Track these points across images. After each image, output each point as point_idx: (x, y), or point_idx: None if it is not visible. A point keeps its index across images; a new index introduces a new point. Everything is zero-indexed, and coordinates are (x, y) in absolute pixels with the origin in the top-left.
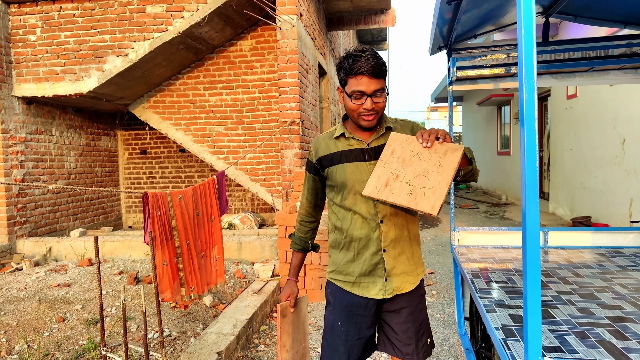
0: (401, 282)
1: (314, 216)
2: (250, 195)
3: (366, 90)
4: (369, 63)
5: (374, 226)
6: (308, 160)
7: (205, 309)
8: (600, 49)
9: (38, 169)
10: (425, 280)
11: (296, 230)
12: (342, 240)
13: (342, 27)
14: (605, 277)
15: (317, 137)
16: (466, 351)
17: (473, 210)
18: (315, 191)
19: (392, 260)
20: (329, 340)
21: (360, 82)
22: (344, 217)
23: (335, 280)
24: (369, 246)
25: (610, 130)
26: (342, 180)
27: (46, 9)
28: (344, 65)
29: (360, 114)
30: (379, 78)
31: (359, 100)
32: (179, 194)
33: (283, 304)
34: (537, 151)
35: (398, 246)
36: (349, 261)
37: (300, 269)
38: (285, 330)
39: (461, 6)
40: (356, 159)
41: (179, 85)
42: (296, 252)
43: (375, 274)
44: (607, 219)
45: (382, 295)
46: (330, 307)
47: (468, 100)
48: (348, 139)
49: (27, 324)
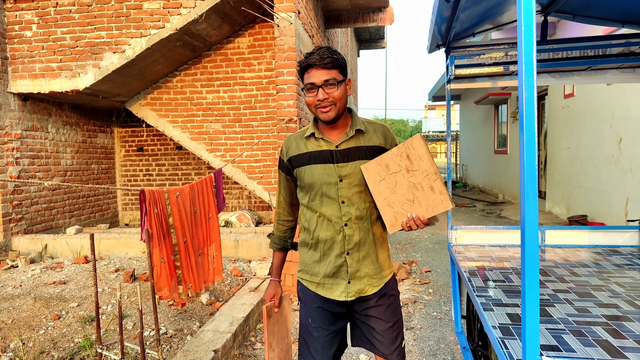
0: (364, 285)
1: (292, 215)
2: (247, 193)
3: (316, 81)
4: (318, 55)
5: (339, 229)
6: (280, 159)
7: (201, 306)
8: (598, 48)
9: (34, 165)
10: (423, 278)
11: (275, 230)
12: (310, 240)
13: (340, 25)
14: (601, 276)
15: (289, 136)
16: (463, 349)
17: (470, 208)
18: (289, 190)
19: (355, 263)
20: (304, 337)
21: (310, 75)
22: (311, 219)
23: (302, 280)
24: (333, 248)
25: (607, 129)
26: (310, 181)
27: (42, 5)
28: (299, 64)
29: (317, 107)
30: (330, 69)
31: (311, 92)
32: (176, 192)
33: (268, 305)
34: (536, 149)
35: (362, 249)
36: (316, 261)
37: (281, 268)
38: (271, 330)
39: (460, 4)
40: (324, 160)
41: (176, 82)
42: (276, 252)
43: (339, 276)
44: (604, 217)
45: (344, 297)
46: (302, 304)
47: (465, 99)
48: (318, 140)
49: (23, 322)
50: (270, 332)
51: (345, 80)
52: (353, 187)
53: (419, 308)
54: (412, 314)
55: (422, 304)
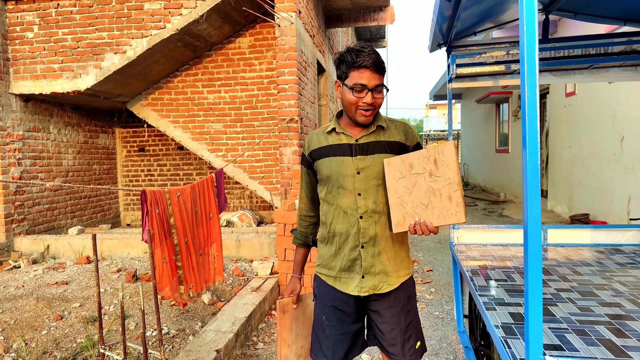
0: (379, 281)
1: (314, 210)
2: (248, 193)
3: (368, 84)
4: (372, 58)
5: (354, 221)
6: (302, 154)
7: (203, 306)
8: (599, 46)
9: (36, 166)
10: (424, 277)
11: (297, 225)
12: (327, 234)
13: (341, 24)
14: (604, 275)
15: (312, 132)
16: (465, 349)
17: (472, 207)
18: (311, 185)
19: (370, 258)
20: (317, 333)
21: (363, 76)
22: (328, 211)
23: (320, 274)
24: (348, 241)
25: (609, 127)
26: (327, 173)
27: (44, 6)
28: (346, 58)
29: (359, 108)
30: (380, 74)
31: (360, 93)
32: (177, 192)
33: (283, 301)
34: (538, 148)
35: (378, 245)
36: (332, 255)
37: (303, 264)
38: (286, 325)
39: (461, 3)
40: (343, 153)
41: (177, 82)
42: (299, 248)
43: (353, 270)
44: (606, 216)
45: (357, 292)
46: (317, 300)
47: (467, 97)
48: (338, 134)
49: (25, 322)
50: (284, 327)
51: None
52: (370, 180)
53: (421, 307)
54: None
55: (424, 303)
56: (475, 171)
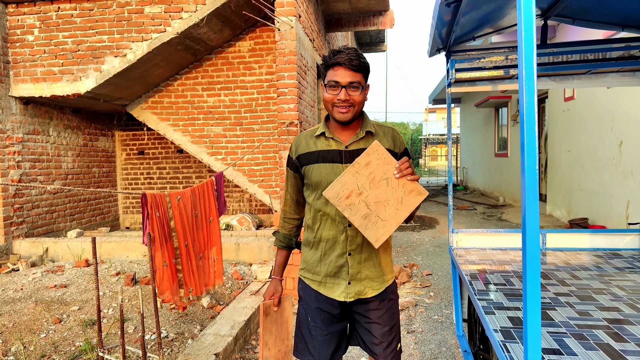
0: (364, 287)
1: (298, 213)
2: (248, 196)
3: (341, 80)
4: (347, 55)
5: (342, 229)
6: (289, 157)
7: (202, 310)
8: (598, 52)
9: (35, 169)
10: (424, 281)
11: (280, 228)
12: (312, 239)
13: (341, 28)
14: (603, 279)
15: (299, 135)
16: (464, 353)
17: (470, 211)
18: (297, 188)
19: (356, 265)
20: (303, 334)
21: (337, 73)
22: (315, 216)
23: (304, 278)
24: (335, 248)
25: (608, 132)
26: (317, 180)
27: (44, 9)
28: (324, 59)
29: (335, 105)
30: (356, 72)
31: (334, 90)
32: (177, 195)
33: (266, 303)
34: (537, 152)
35: (365, 251)
36: (317, 261)
37: (284, 267)
38: (268, 328)
39: (460, 8)
40: (333, 160)
41: (177, 86)
42: (280, 250)
43: (340, 276)
44: (604, 220)
45: (343, 298)
46: (302, 302)
47: (466, 102)
48: (328, 139)
49: (24, 325)
50: (266, 329)
51: (366, 86)
52: None
53: (420, 311)
54: (413, 318)
55: (423, 307)
56: (474, 175)
